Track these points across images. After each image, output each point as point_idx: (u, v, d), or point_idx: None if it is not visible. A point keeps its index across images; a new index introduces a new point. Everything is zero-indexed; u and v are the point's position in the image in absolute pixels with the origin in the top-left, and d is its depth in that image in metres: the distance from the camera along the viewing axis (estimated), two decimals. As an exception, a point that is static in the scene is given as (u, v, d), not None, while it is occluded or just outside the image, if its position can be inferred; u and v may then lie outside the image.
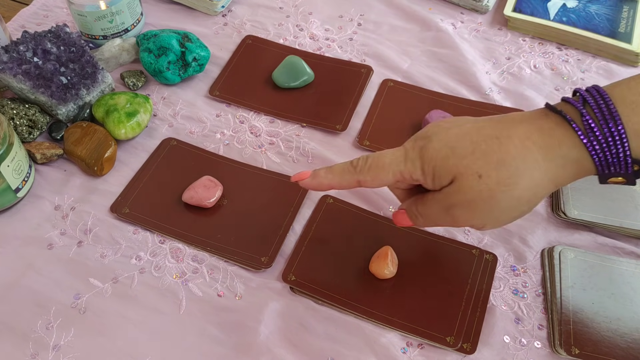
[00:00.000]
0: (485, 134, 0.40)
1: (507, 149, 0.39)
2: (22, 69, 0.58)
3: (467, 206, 0.40)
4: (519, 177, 0.39)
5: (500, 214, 0.41)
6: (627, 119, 0.37)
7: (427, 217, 0.44)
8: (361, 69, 0.68)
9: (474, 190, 0.39)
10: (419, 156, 0.42)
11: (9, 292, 0.50)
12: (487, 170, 0.39)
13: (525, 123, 0.40)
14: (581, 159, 0.39)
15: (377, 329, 0.49)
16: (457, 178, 0.40)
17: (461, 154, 0.40)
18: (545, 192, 0.40)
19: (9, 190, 0.53)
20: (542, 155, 0.39)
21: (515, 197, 0.39)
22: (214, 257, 0.53)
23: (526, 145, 0.39)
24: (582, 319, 0.48)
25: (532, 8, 0.72)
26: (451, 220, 0.42)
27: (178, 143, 0.61)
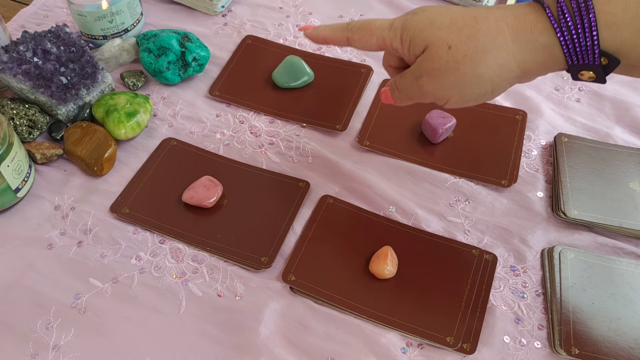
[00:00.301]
0: (466, 13, 0.41)
1: (480, 26, 0.40)
2: (22, 69, 0.58)
3: (434, 75, 0.42)
4: (485, 53, 0.40)
5: (463, 88, 0.41)
6: (599, 9, 0.37)
7: (402, 89, 0.45)
8: (361, 69, 0.68)
9: (441, 60, 0.41)
10: (401, 26, 0.43)
11: (9, 292, 0.50)
12: (457, 43, 0.40)
13: (506, 8, 0.41)
14: (550, 44, 0.39)
15: (377, 329, 0.49)
16: (428, 47, 0.41)
17: (437, 26, 0.41)
18: (509, 75, 0.41)
19: (9, 190, 0.53)
20: (512, 36, 0.39)
21: (479, 72, 0.40)
22: (214, 257, 0.53)
23: (499, 25, 0.40)
24: (582, 319, 0.48)
25: (532, 8, 0.72)
26: (418, 90, 0.43)
27: (178, 143, 0.61)
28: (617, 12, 0.37)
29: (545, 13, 0.39)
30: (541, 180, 0.59)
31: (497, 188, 0.58)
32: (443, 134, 0.60)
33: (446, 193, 0.57)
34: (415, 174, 0.59)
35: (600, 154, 0.59)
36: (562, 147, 0.60)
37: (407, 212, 0.56)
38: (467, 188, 0.58)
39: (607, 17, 0.37)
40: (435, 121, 0.60)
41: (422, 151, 0.60)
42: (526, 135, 0.62)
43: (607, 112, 0.65)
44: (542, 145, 0.62)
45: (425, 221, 0.55)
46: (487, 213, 0.56)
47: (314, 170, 0.59)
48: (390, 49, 0.45)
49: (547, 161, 0.60)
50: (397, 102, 0.48)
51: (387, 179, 0.58)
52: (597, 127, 0.63)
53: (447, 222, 0.55)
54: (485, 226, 0.55)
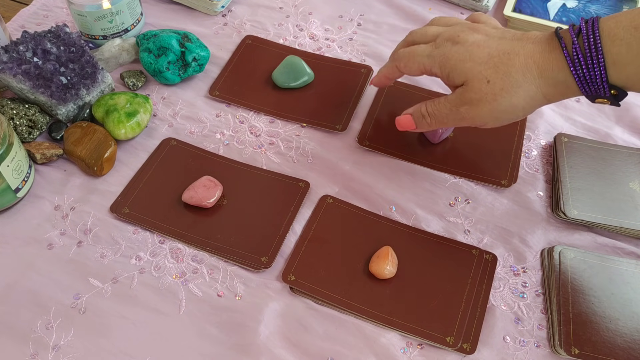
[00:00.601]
0: (501, 48, 0.47)
1: (513, 63, 0.46)
2: (22, 69, 0.58)
3: (475, 104, 0.48)
4: (518, 88, 0.46)
5: (499, 115, 0.48)
6: (607, 50, 0.43)
7: (436, 116, 0.51)
8: (361, 69, 0.68)
9: (482, 92, 0.47)
10: (441, 54, 0.50)
11: (9, 292, 0.50)
12: (495, 78, 0.47)
13: (534, 44, 0.47)
14: (567, 81, 0.45)
15: (377, 329, 0.49)
16: (469, 80, 0.48)
17: (477, 61, 0.48)
18: (537, 103, 0.48)
19: (9, 190, 0.53)
20: (538, 73, 0.46)
21: (513, 103, 0.47)
22: (213, 257, 0.53)
23: (528, 63, 0.46)
24: (582, 319, 0.48)
25: (532, 8, 0.72)
26: (459, 116, 0.50)
27: (178, 143, 0.61)
28: (621, 52, 0.42)
29: (563, 53, 0.45)
30: (541, 180, 0.59)
31: (497, 188, 0.58)
32: (443, 134, 0.60)
33: (446, 193, 0.57)
34: (415, 174, 0.59)
35: (600, 154, 0.59)
36: (562, 147, 0.60)
37: (407, 212, 0.56)
38: (467, 188, 0.58)
39: (614, 56, 0.43)
40: (435, 121, 0.60)
41: (422, 151, 0.60)
42: (526, 135, 0.62)
43: (607, 112, 0.65)
44: (542, 145, 0.62)
45: (425, 221, 0.55)
46: (487, 213, 0.56)
47: (314, 170, 0.59)
48: (430, 73, 0.52)
49: (547, 161, 0.60)
50: (422, 128, 0.53)
51: (387, 179, 0.58)
52: (597, 127, 0.63)
53: (447, 222, 0.55)
54: (485, 226, 0.55)
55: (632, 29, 0.42)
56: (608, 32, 0.43)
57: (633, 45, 0.42)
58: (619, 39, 0.42)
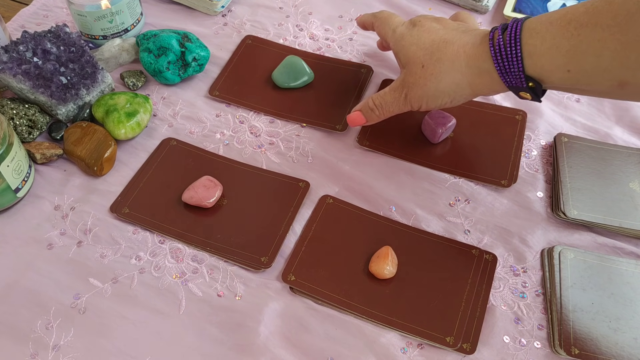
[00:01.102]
0: (442, 36, 0.51)
1: (446, 51, 0.50)
2: (21, 69, 0.58)
3: (411, 87, 0.52)
4: (445, 74, 0.50)
5: (428, 99, 0.52)
6: (524, 42, 0.45)
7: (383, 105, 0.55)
8: (361, 69, 0.68)
9: (417, 75, 0.51)
10: (400, 32, 0.55)
11: (9, 292, 0.50)
12: (428, 63, 0.50)
13: (471, 37, 0.50)
14: (491, 70, 0.48)
15: (376, 329, 0.49)
16: (409, 63, 0.52)
17: (421, 46, 0.51)
18: (463, 92, 0.51)
19: (9, 190, 0.53)
20: (466, 62, 0.49)
21: (439, 88, 0.50)
22: (213, 257, 0.53)
23: (459, 52, 0.49)
24: (582, 319, 0.48)
25: (532, 8, 0.72)
26: (402, 101, 0.53)
27: (178, 143, 0.61)
28: (536, 44, 0.45)
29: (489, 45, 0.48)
30: (541, 180, 0.59)
31: (497, 188, 0.58)
32: (443, 134, 0.60)
33: (446, 193, 0.57)
34: (415, 174, 0.59)
35: (600, 154, 0.59)
36: (562, 147, 0.60)
37: (407, 212, 0.56)
38: (467, 188, 0.58)
39: (530, 48, 0.45)
40: (435, 121, 0.60)
41: (421, 151, 0.60)
42: (526, 135, 0.62)
43: (606, 112, 0.65)
44: (542, 145, 0.62)
45: (425, 221, 0.55)
46: (487, 213, 0.56)
47: (313, 170, 0.59)
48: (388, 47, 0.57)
49: (547, 161, 0.60)
50: (371, 121, 0.57)
51: (387, 179, 0.58)
52: (597, 127, 0.63)
53: (447, 222, 0.55)
54: (485, 226, 0.55)
55: (548, 23, 0.45)
56: (528, 27, 0.46)
57: (547, 37, 0.44)
58: (535, 32, 0.45)
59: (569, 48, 0.43)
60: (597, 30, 0.42)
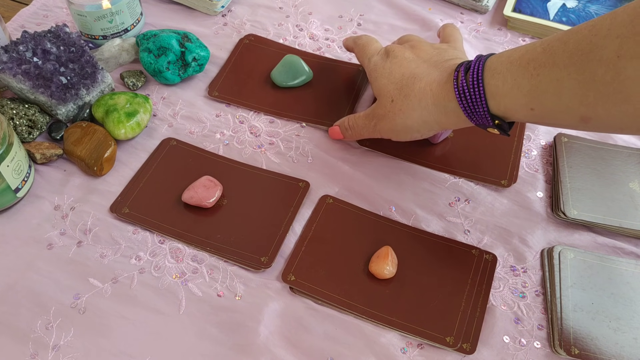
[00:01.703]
0: (413, 71, 0.52)
1: (414, 87, 0.51)
2: (21, 69, 0.58)
3: (381, 119, 0.54)
4: (413, 111, 0.51)
5: (398, 132, 0.54)
6: (487, 82, 0.46)
7: (355, 128, 0.57)
8: (359, 68, 0.68)
9: (386, 109, 0.53)
10: (374, 63, 0.56)
11: (9, 292, 0.50)
12: (397, 98, 0.52)
13: (440, 72, 0.50)
14: (457, 110, 0.49)
15: (377, 329, 0.49)
16: (380, 96, 0.54)
17: (391, 80, 0.53)
18: (431, 127, 0.52)
19: (9, 190, 0.53)
20: (432, 101, 0.50)
21: (407, 124, 0.52)
22: (213, 257, 0.53)
23: (426, 90, 0.50)
24: (582, 319, 0.48)
25: (531, 8, 0.72)
26: (372, 128, 0.55)
27: (178, 143, 0.61)
28: (498, 84, 0.45)
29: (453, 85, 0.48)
30: (541, 180, 0.59)
31: (497, 188, 0.58)
32: (443, 134, 0.60)
33: (446, 193, 0.57)
34: (415, 174, 0.59)
35: (600, 154, 0.59)
36: (561, 147, 0.60)
37: (407, 212, 0.56)
38: (467, 188, 0.58)
39: (492, 88, 0.46)
40: (435, 121, 0.60)
41: (421, 151, 0.60)
42: (526, 135, 0.62)
43: (606, 112, 0.65)
44: (542, 146, 0.62)
45: (425, 221, 0.55)
46: (486, 213, 0.56)
47: (313, 170, 0.59)
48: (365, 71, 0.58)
49: (547, 161, 0.60)
50: (348, 139, 0.59)
51: (387, 179, 0.58)
52: (596, 127, 0.63)
53: (447, 222, 0.55)
54: (485, 226, 0.55)
55: (508, 63, 0.45)
56: (489, 67, 0.46)
57: (508, 78, 0.45)
58: (497, 72, 0.45)
59: (530, 88, 0.44)
60: (554, 70, 0.42)
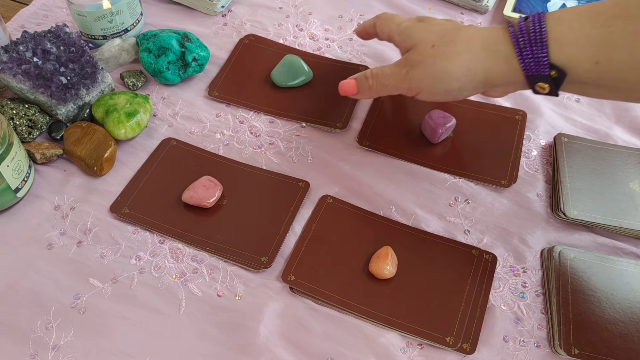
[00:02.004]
0: (453, 26, 0.50)
1: (459, 34, 0.48)
2: (21, 69, 0.58)
3: (415, 66, 0.49)
4: (457, 55, 0.47)
5: (434, 81, 0.49)
6: (550, 27, 0.44)
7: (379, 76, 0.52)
8: (359, 68, 0.68)
9: (424, 54, 0.49)
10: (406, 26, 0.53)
11: (9, 292, 0.50)
12: (439, 44, 0.48)
13: (486, 28, 0.49)
14: (509, 56, 0.46)
15: (377, 329, 0.49)
16: (417, 44, 0.50)
17: (429, 31, 0.50)
18: (474, 78, 0.48)
19: (9, 190, 0.53)
20: (481, 45, 0.47)
21: (449, 69, 0.48)
22: (213, 257, 0.53)
23: (474, 36, 0.48)
24: (581, 319, 0.48)
25: (532, 8, 0.72)
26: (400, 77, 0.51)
27: (178, 143, 0.61)
28: (564, 30, 0.43)
29: (508, 30, 0.46)
30: (541, 180, 0.59)
31: (497, 188, 0.58)
32: (443, 134, 0.60)
33: (446, 193, 0.57)
34: (415, 174, 0.59)
35: (600, 154, 0.59)
36: (561, 147, 0.60)
37: (407, 212, 0.56)
38: (467, 188, 0.58)
39: (556, 34, 0.44)
40: (435, 121, 0.60)
41: (421, 151, 0.60)
42: (526, 135, 0.62)
43: (606, 112, 0.65)
44: (542, 146, 0.62)
45: (425, 221, 0.55)
46: (486, 213, 0.56)
47: (313, 170, 0.59)
48: (392, 40, 0.55)
49: (547, 161, 0.60)
50: (362, 92, 0.54)
51: (387, 179, 0.58)
52: (596, 127, 0.63)
53: (447, 222, 0.55)
54: (485, 226, 0.55)
55: (575, 14, 0.44)
56: (553, 15, 0.45)
57: (574, 26, 0.43)
58: (562, 20, 0.44)
59: (599, 39, 0.42)
60: (630, 22, 0.41)
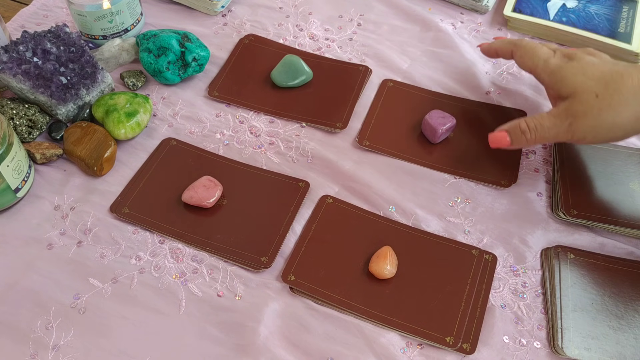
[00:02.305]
0: (614, 69, 0.49)
1: (625, 82, 0.47)
2: (21, 69, 0.58)
3: (579, 117, 0.49)
4: (626, 107, 0.47)
5: (599, 131, 0.49)
6: None
7: (538, 129, 0.51)
8: (359, 68, 0.68)
9: (589, 105, 0.48)
10: (556, 64, 0.52)
11: (9, 292, 0.50)
12: (604, 93, 0.48)
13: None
14: None
15: (376, 329, 0.49)
16: (578, 92, 0.49)
17: (589, 77, 0.49)
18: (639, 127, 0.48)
19: (9, 190, 0.53)
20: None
21: (616, 121, 0.48)
22: (213, 257, 0.53)
23: (639, 83, 0.47)
24: (582, 319, 0.48)
25: (531, 8, 0.72)
26: (562, 129, 0.50)
27: (178, 143, 0.61)
28: None
29: None
30: (541, 180, 0.59)
31: (497, 188, 0.58)
32: (443, 134, 0.60)
33: (446, 193, 0.57)
34: (415, 174, 0.59)
35: (600, 155, 0.59)
36: (562, 147, 0.60)
37: (407, 212, 0.56)
38: (467, 188, 0.58)
39: None
40: (435, 121, 0.60)
41: (421, 151, 0.60)
42: (526, 135, 0.62)
43: (607, 112, 0.65)
44: (542, 145, 0.62)
45: (425, 221, 0.55)
46: (487, 213, 0.56)
47: (313, 170, 0.59)
48: (537, 76, 0.55)
49: (547, 161, 0.60)
50: (519, 144, 0.53)
51: (387, 179, 0.58)
52: (597, 127, 0.63)
53: (447, 222, 0.55)
54: (485, 226, 0.55)
55: None
56: None
57: None
58: None
59: None
60: None
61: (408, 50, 0.71)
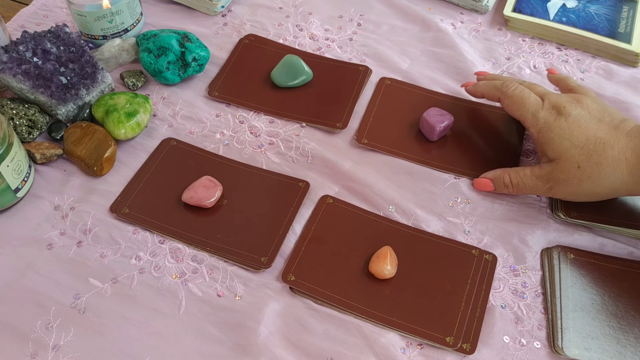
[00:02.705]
0: (598, 135, 0.50)
1: (606, 155, 0.49)
2: (21, 69, 0.58)
3: (560, 184, 0.52)
4: (604, 179, 0.49)
5: (578, 196, 0.52)
6: None
7: (519, 186, 0.54)
8: (359, 68, 0.68)
9: (570, 174, 0.51)
10: (545, 120, 0.53)
11: (9, 292, 0.50)
12: (586, 165, 0.50)
13: (628, 138, 0.49)
14: None
15: (376, 329, 0.49)
16: (562, 159, 0.51)
17: (574, 143, 0.51)
18: (618, 194, 0.51)
19: (9, 190, 0.53)
20: (628, 170, 0.49)
21: (595, 190, 0.51)
22: (213, 257, 0.53)
23: (620, 158, 0.49)
24: (582, 319, 0.48)
25: (531, 8, 0.72)
26: (542, 191, 0.53)
27: (178, 143, 0.61)
28: None
29: None
30: (541, 180, 0.59)
31: (497, 188, 0.58)
32: (441, 132, 0.60)
33: (446, 193, 0.57)
34: (415, 174, 0.59)
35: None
36: (561, 147, 0.60)
37: (407, 212, 0.56)
38: (467, 188, 0.58)
39: None
40: (433, 119, 0.60)
41: (419, 149, 0.60)
42: (526, 135, 0.62)
43: (606, 112, 0.65)
44: (542, 146, 0.62)
45: (425, 221, 0.55)
46: (487, 213, 0.56)
47: (313, 170, 0.59)
48: (525, 127, 0.55)
49: (547, 161, 0.60)
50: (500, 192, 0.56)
51: (387, 179, 0.58)
52: (597, 128, 0.63)
53: (447, 222, 0.55)
54: (485, 226, 0.55)
55: None
56: None
57: None
58: None
59: None
60: None
61: (408, 50, 0.71)
